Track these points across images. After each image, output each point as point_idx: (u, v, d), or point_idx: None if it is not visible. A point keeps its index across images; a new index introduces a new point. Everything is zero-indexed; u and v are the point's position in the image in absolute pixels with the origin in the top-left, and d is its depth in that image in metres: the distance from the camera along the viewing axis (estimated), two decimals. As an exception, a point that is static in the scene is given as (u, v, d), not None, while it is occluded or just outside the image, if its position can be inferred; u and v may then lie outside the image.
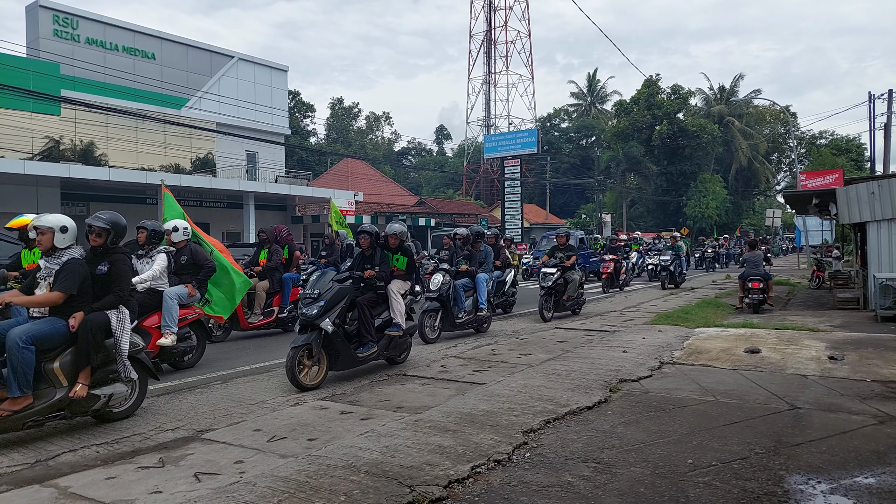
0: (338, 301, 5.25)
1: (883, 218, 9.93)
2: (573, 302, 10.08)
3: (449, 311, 7.62)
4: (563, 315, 10.01)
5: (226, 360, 6.60)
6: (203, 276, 6.36)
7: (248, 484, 3.03)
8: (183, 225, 6.52)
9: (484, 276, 8.23)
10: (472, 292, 8.04)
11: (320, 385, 5.16)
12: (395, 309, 5.80)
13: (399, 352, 6.04)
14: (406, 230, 6.19)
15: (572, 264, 9.95)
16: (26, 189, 18.92)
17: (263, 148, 28.38)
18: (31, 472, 3.35)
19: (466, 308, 7.86)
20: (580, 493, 2.96)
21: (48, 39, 22.95)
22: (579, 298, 10.30)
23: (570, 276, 9.83)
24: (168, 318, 5.66)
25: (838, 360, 5.96)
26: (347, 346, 5.34)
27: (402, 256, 6.10)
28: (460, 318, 7.74)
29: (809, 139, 50.95)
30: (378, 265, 5.87)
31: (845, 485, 3.04)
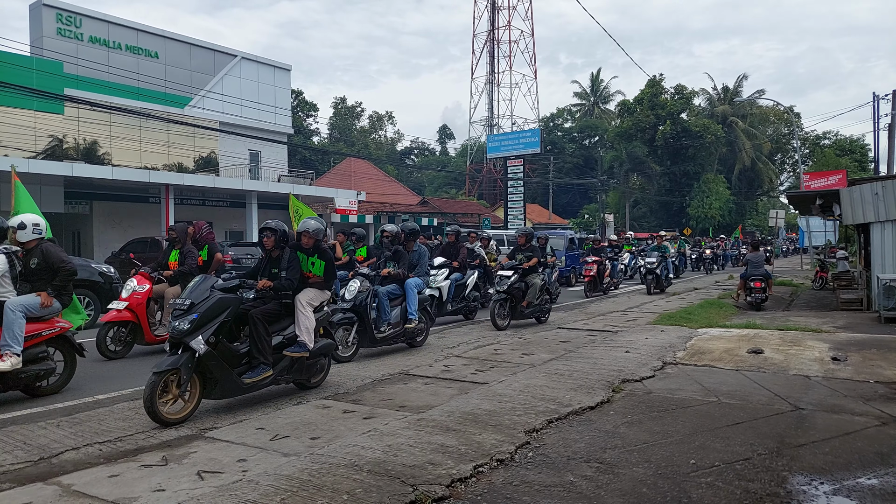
0: (216, 314, 4.23)
1: (887, 219, 9.90)
2: (534, 309, 9.06)
3: (367, 323, 6.39)
4: (524, 323, 9.12)
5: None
6: (60, 282, 5.18)
7: (250, 482, 3.04)
8: (32, 221, 5.24)
9: (415, 282, 7.03)
10: (401, 300, 6.89)
11: (188, 418, 4.19)
12: (301, 324, 4.77)
13: (309, 375, 5.03)
14: (322, 227, 5.13)
15: (534, 267, 8.98)
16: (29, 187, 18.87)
17: (266, 147, 28.42)
18: (35, 470, 3.37)
19: (392, 319, 6.68)
20: (582, 492, 2.96)
21: (52, 38, 23.01)
22: (543, 305, 9.32)
23: (531, 280, 8.87)
24: (8, 335, 4.64)
25: (841, 361, 5.94)
26: (227, 371, 4.29)
27: (318, 260, 5.07)
28: (382, 332, 6.54)
29: (813, 140, 50.80)
30: (285, 269, 4.83)
31: (848, 486, 3.03)
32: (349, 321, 6.33)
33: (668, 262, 14.53)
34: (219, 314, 4.27)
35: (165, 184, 20.63)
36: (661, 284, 14.19)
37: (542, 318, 9.41)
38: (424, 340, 7.33)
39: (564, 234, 18.83)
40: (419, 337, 7.25)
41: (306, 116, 51.46)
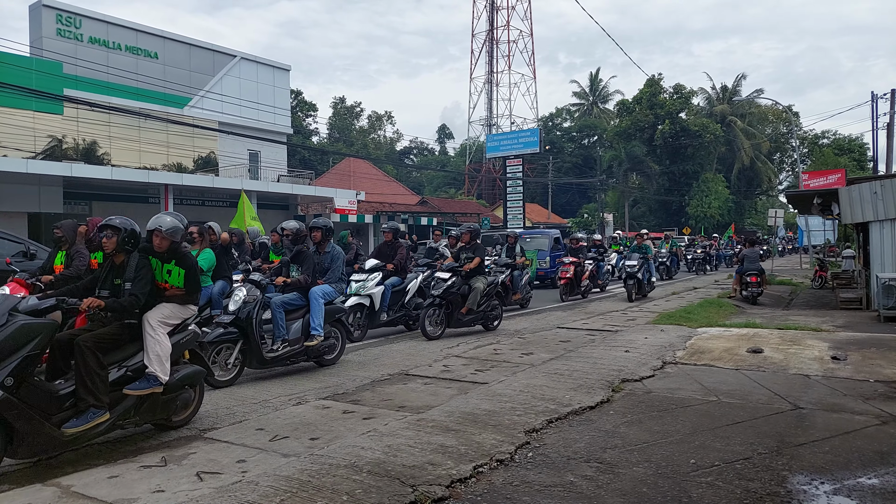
0: (17, 347, 3.15)
1: (886, 218, 9.91)
2: (476, 316, 8.07)
3: (253, 340, 5.29)
4: (466, 332, 8.21)
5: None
6: None
7: (250, 483, 3.03)
8: None
9: (321, 291, 5.84)
10: (304, 312, 5.77)
11: None
12: (151, 351, 3.73)
13: (167, 413, 3.93)
14: (179, 227, 4.10)
15: (477, 268, 8.03)
16: (29, 188, 18.95)
17: (266, 147, 28.39)
18: (34, 471, 3.36)
19: (290, 335, 5.58)
20: (583, 492, 2.95)
21: (51, 38, 22.98)
22: (489, 311, 8.32)
23: (474, 284, 7.92)
24: None
25: (841, 360, 5.94)
26: (36, 422, 3.19)
27: (176, 267, 4.02)
28: (274, 351, 5.46)
29: (812, 139, 50.85)
30: (132, 280, 3.77)
31: (848, 485, 3.03)
32: (231, 338, 5.21)
33: (650, 264, 12.91)
34: (20, 347, 3.17)
35: (165, 184, 20.61)
36: (644, 289, 12.56)
37: (490, 325, 8.44)
38: (338, 357, 6.17)
39: (549, 234, 17.70)
40: (330, 354, 6.08)
41: (306, 116, 51.44)
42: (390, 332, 8.37)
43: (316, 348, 5.80)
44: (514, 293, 10.49)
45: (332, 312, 6.04)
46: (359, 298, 7.56)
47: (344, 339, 6.30)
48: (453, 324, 7.92)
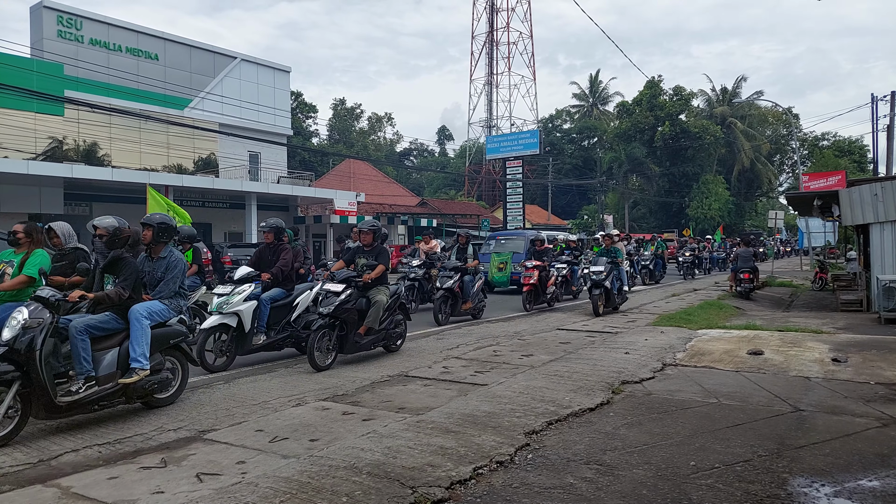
0: None
1: (886, 220, 9.91)
2: (377, 336, 6.44)
3: (37, 381, 3.79)
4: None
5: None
6: None
7: (249, 484, 3.03)
8: None
9: (146, 309, 4.47)
10: (120, 339, 4.38)
11: None
12: None
13: None
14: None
15: (379, 278, 6.36)
16: (29, 189, 18.98)
17: (266, 148, 28.42)
18: (34, 472, 3.36)
19: (101, 371, 4.17)
20: (582, 494, 2.95)
21: (52, 40, 23.02)
22: (392, 330, 6.75)
23: (374, 297, 6.31)
24: None
25: (841, 362, 5.94)
26: None
27: None
28: (73, 394, 3.99)
29: (812, 141, 50.91)
30: None
31: (849, 488, 3.03)
32: (3, 379, 3.72)
33: (621, 270, 10.95)
34: None
35: (165, 185, 20.61)
36: (613, 300, 10.55)
37: (392, 347, 6.87)
38: (177, 394, 4.76)
39: (525, 235, 15.60)
40: (163, 392, 4.62)
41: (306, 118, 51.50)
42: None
43: (139, 385, 4.31)
44: (465, 302, 9.56)
45: (165, 337, 4.61)
46: (222, 318, 5.89)
47: (185, 371, 4.85)
48: (348, 348, 6.17)
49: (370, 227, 6.63)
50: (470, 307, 9.73)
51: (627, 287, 11.54)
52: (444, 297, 9.36)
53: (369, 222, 6.75)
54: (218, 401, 4.86)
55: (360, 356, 6.69)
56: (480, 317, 10.07)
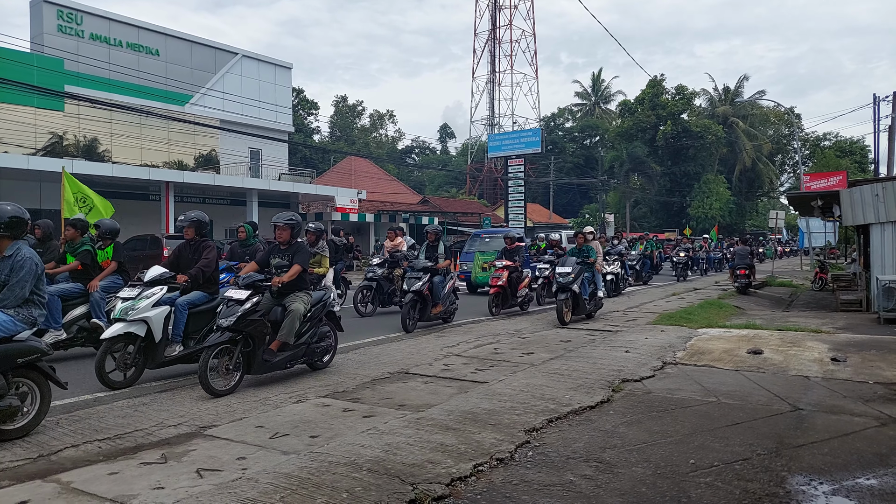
0: None
1: (887, 220, 9.91)
2: (294, 353, 5.36)
3: None
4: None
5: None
6: None
7: (250, 480, 3.04)
8: None
9: None
10: None
11: None
12: None
13: None
14: None
15: (295, 282, 5.35)
16: (30, 184, 18.98)
17: (267, 145, 28.41)
18: (34, 467, 3.37)
19: None
20: (582, 492, 2.96)
21: (52, 35, 22.99)
22: (316, 344, 5.63)
23: (290, 305, 5.30)
24: None
25: (841, 361, 5.94)
26: None
27: None
28: None
29: (813, 141, 50.83)
30: None
31: (847, 486, 3.03)
32: None
33: (594, 274, 9.65)
34: None
35: (166, 181, 20.63)
36: (584, 307, 9.19)
37: (318, 363, 5.77)
38: (35, 423, 3.94)
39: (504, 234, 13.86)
40: (12, 422, 3.81)
41: (307, 115, 51.45)
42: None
43: None
44: (435, 305, 8.73)
45: (9, 356, 3.78)
46: (126, 326, 5.07)
47: (45, 396, 4.01)
48: (256, 368, 5.07)
49: (286, 222, 5.48)
50: (440, 310, 8.90)
51: (603, 292, 10.06)
52: (413, 300, 8.42)
53: (285, 216, 5.58)
54: (218, 398, 4.86)
55: (362, 354, 6.68)
56: (452, 320, 9.34)
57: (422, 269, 8.66)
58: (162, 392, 5.05)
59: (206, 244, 5.85)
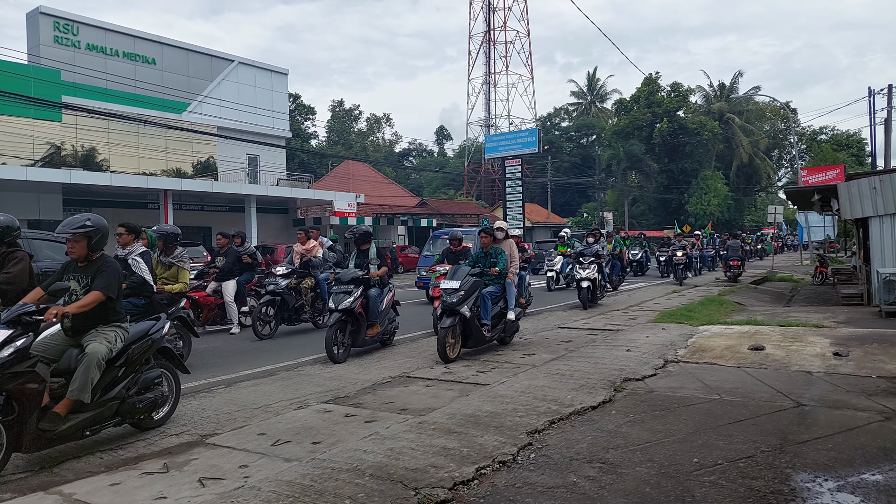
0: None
1: (885, 213, 9.90)
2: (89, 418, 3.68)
3: None
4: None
5: (228, 365, 6.60)
6: None
7: (252, 488, 3.02)
8: None
9: None
10: None
11: None
12: None
13: None
14: None
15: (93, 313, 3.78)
16: (28, 195, 18.98)
17: (264, 151, 28.42)
18: (36, 480, 3.35)
19: None
20: (586, 493, 2.95)
21: (49, 46, 23.01)
22: (137, 397, 4.00)
23: (88, 345, 3.73)
24: None
25: (843, 356, 5.93)
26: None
27: None
28: None
29: (810, 135, 50.89)
30: None
31: (852, 482, 3.02)
32: None
33: (507, 286, 7.10)
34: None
35: (164, 189, 20.63)
36: (481, 336, 6.61)
37: (146, 421, 4.16)
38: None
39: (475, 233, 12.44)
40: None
41: (304, 120, 51.49)
42: None
43: None
44: (371, 325, 6.88)
45: None
46: None
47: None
48: (29, 445, 3.43)
49: (76, 231, 3.80)
50: (377, 332, 7.00)
51: (514, 314, 7.01)
52: (341, 321, 6.53)
53: (76, 221, 3.84)
54: (219, 405, 4.85)
55: (364, 358, 6.66)
56: (392, 342, 7.59)
57: (352, 281, 6.72)
58: (163, 401, 5.02)
59: (14, 256, 4.55)
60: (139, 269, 5.43)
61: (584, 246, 12.00)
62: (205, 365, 6.41)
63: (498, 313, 6.89)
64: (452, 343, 6.36)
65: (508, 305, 7.01)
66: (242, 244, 9.12)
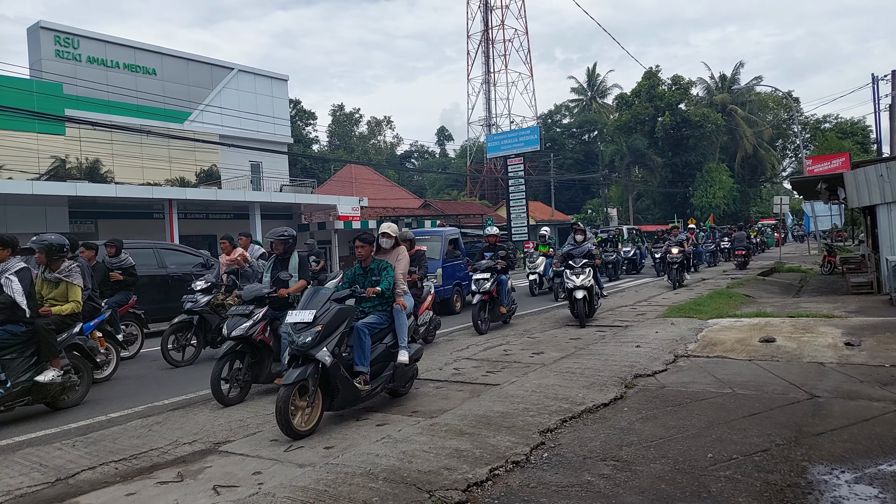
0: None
1: (893, 200, 9.82)
2: None
3: None
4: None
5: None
6: None
7: (267, 495, 3.03)
8: None
9: None
10: None
11: None
12: None
13: None
14: None
15: None
16: (35, 209, 19.11)
17: (267, 158, 28.50)
18: (52, 491, 3.37)
19: None
20: (601, 492, 2.93)
21: (50, 60, 23.19)
22: None
23: None
24: None
25: (855, 346, 5.88)
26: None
27: None
28: None
29: (814, 124, 50.58)
30: None
31: (869, 473, 2.99)
32: None
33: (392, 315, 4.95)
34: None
35: (168, 199, 20.73)
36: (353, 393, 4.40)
37: None
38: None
39: (442, 234, 11.40)
40: None
41: (305, 125, 51.65)
42: None
43: None
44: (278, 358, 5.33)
45: None
46: None
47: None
48: None
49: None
50: None
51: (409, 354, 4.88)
52: (234, 352, 5.20)
53: None
54: (231, 412, 4.87)
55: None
56: None
57: (254, 300, 5.40)
58: (175, 410, 5.05)
59: None
60: (11, 288, 4.71)
61: (572, 245, 9.24)
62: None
63: (384, 354, 4.74)
64: (303, 406, 4.11)
65: (399, 342, 4.86)
66: (117, 255, 7.40)
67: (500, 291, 8.70)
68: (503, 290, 8.77)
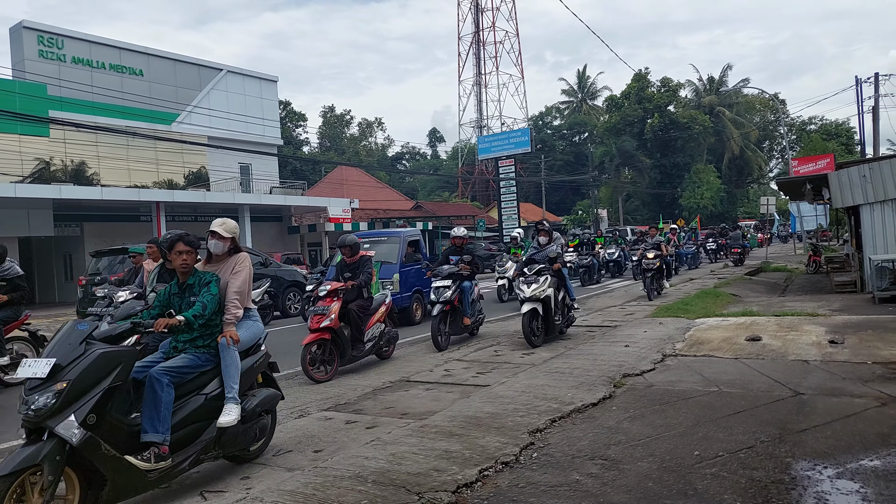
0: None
1: (876, 200, 9.99)
2: None
3: None
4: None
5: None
6: None
7: (254, 500, 3.01)
8: None
9: None
10: None
11: None
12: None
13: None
14: None
15: None
16: (18, 212, 18.83)
17: (256, 159, 28.34)
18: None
19: None
20: (588, 491, 2.95)
21: (34, 60, 22.88)
22: None
23: None
24: None
25: (839, 343, 5.97)
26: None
27: None
28: None
29: (799, 125, 51.25)
30: None
31: (851, 469, 3.05)
32: None
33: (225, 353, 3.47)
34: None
35: (156, 201, 20.54)
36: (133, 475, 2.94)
37: None
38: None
39: (400, 235, 10.59)
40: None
41: (295, 127, 51.42)
42: None
43: None
44: None
45: None
46: None
47: None
48: None
49: None
50: None
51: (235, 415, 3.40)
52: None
53: None
54: (219, 416, 4.83)
55: (362, 364, 6.65)
56: None
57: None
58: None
59: None
60: None
61: (535, 249, 7.85)
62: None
63: (203, 408, 3.38)
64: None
65: (226, 395, 3.45)
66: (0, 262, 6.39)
67: (462, 300, 7.60)
68: (466, 299, 7.65)
